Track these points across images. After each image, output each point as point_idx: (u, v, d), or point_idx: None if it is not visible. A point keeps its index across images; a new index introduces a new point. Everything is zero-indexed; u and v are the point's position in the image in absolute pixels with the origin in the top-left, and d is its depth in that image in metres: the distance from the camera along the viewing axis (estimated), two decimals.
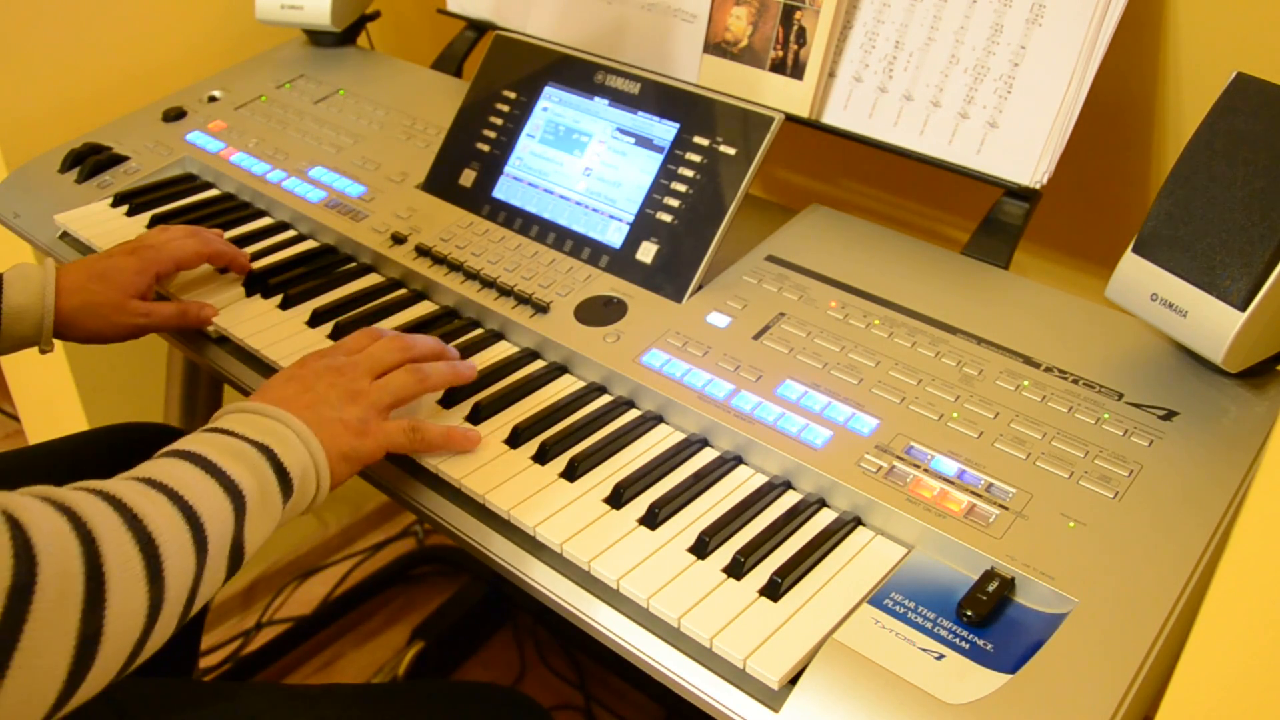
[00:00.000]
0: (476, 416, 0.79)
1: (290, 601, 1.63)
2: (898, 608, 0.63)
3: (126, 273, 0.89)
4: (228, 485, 0.62)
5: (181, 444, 0.64)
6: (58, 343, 0.89)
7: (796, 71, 0.99)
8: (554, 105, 0.99)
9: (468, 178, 1.01)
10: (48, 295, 0.86)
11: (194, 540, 0.58)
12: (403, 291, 0.96)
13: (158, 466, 0.61)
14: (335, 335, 0.89)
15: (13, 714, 0.48)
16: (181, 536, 0.57)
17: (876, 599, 0.63)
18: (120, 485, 0.57)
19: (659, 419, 0.80)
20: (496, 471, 0.74)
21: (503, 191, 0.99)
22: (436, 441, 0.75)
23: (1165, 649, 0.59)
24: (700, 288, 0.87)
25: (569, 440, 0.77)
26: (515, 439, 0.77)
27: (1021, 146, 0.88)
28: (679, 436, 0.78)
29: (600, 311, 0.87)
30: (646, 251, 0.90)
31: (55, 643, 0.50)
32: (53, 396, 1.47)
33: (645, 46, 1.10)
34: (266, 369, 0.88)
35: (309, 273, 0.98)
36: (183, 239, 0.93)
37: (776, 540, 0.68)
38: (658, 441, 0.77)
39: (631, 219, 0.91)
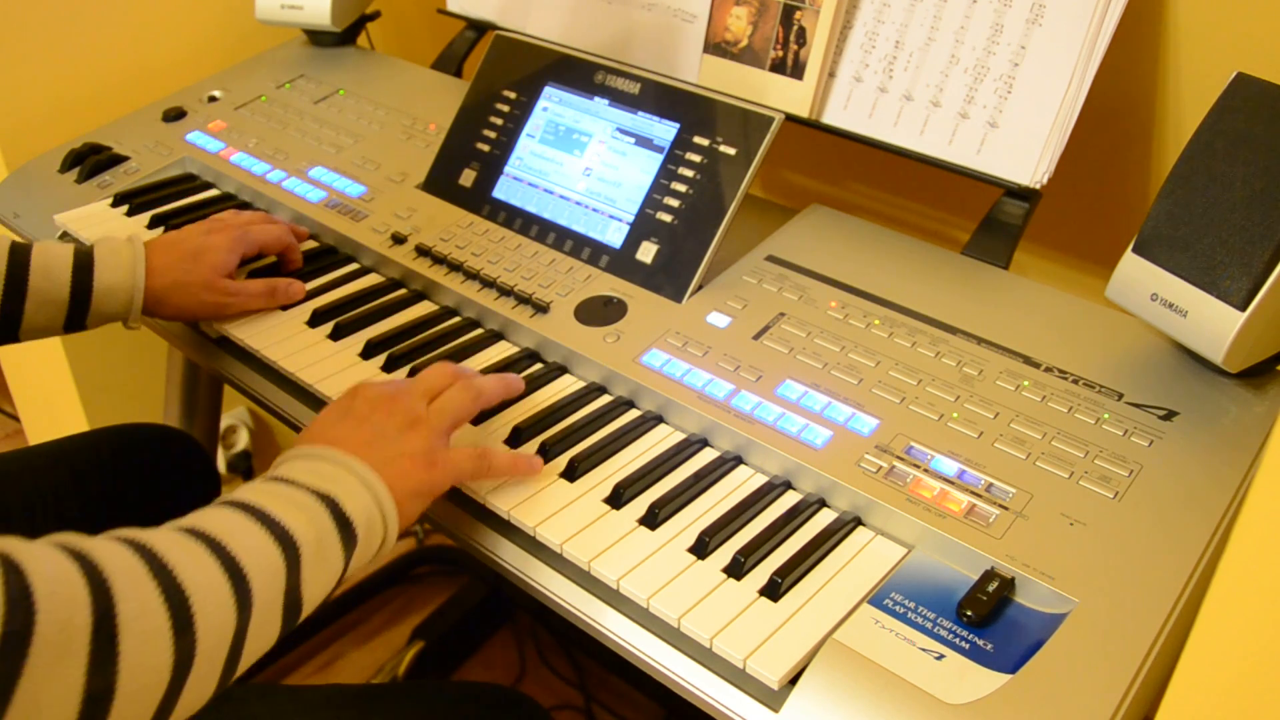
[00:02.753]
0: (478, 417, 0.79)
1: None
2: (898, 608, 0.63)
3: (219, 252, 0.89)
4: (280, 535, 0.58)
5: (237, 493, 0.61)
6: (57, 344, 0.89)
7: (796, 71, 0.99)
8: (554, 105, 0.99)
9: (468, 178, 1.01)
10: (138, 274, 0.86)
11: (235, 592, 0.54)
12: (403, 291, 0.96)
13: (204, 515, 0.58)
14: (335, 335, 0.89)
15: None
16: (218, 589, 0.54)
17: (876, 599, 0.63)
18: (155, 534, 0.54)
19: (659, 419, 0.80)
20: None
21: (503, 191, 0.99)
22: (504, 468, 0.71)
23: (1165, 649, 0.59)
24: (700, 288, 0.87)
25: (569, 440, 0.77)
26: (515, 439, 0.77)
27: (1021, 146, 0.88)
28: (679, 436, 0.78)
29: (600, 311, 0.87)
30: (646, 251, 0.90)
31: (56, 700, 0.46)
32: (53, 396, 1.47)
33: (645, 46, 1.10)
34: (266, 369, 0.88)
35: (309, 273, 0.98)
36: (266, 223, 0.95)
37: (776, 540, 0.68)
38: (658, 441, 0.77)
39: (631, 219, 0.91)
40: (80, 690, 0.46)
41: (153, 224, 1.06)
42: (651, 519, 0.70)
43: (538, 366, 0.86)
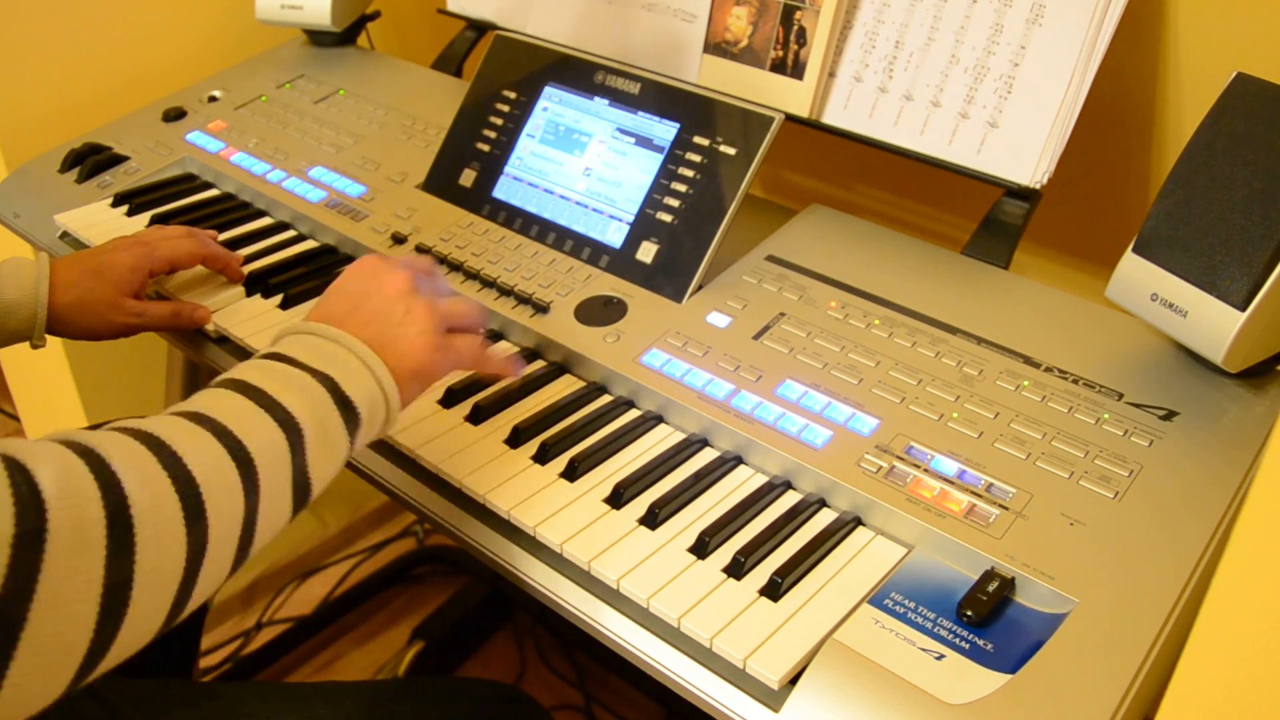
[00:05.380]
0: (476, 417, 0.79)
1: (290, 601, 1.63)
2: (898, 608, 0.63)
3: (121, 269, 0.88)
4: (283, 419, 0.58)
5: (238, 372, 0.60)
6: (57, 343, 0.89)
7: (796, 71, 0.99)
8: (554, 105, 0.99)
9: (468, 178, 1.01)
10: (41, 290, 0.85)
11: (243, 479, 0.55)
12: None
13: (208, 398, 0.58)
14: None
15: (41, 668, 0.45)
16: (227, 475, 0.54)
17: (876, 599, 0.63)
18: (161, 421, 0.54)
19: (659, 419, 0.80)
20: (496, 471, 0.74)
21: (503, 191, 0.99)
22: (498, 365, 0.74)
23: (1165, 649, 0.59)
24: (700, 288, 0.87)
25: (569, 440, 0.77)
26: (515, 439, 0.77)
27: (1021, 146, 0.88)
28: (679, 436, 0.78)
29: (600, 311, 0.87)
30: (646, 251, 0.90)
31: (77, 593, 0.46)
32: (53, 396, 1.47)
33: (645, 46, 1.10)
34: None
35: (309, 273, 0.98)
36: (179, 238, 0.93)
37: (776, 540, 0.68)
38: (658, 441, 0.77)
39: (631, 219, 0.91)
40: (100, 581, 0.47)
41: (152, 224, 1.06)
42: (651, 519, 0.70)
43: (538, 366, 0.86)
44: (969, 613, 0.61)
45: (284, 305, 0.93)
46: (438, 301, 0.70)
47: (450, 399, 0.81)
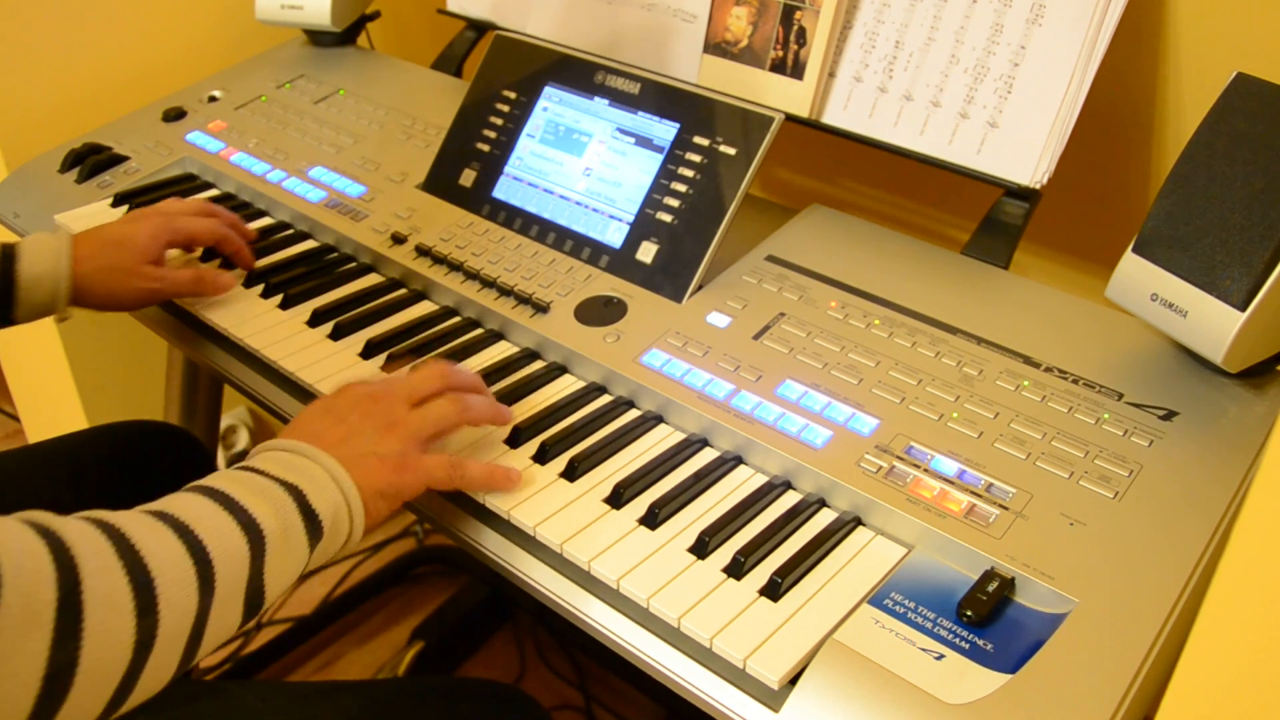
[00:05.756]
0: None
1: (290, 601, 1.63)
2: (898, 608, 0.63)
3: (141, 237, 0.89)
4: (246, 523, 0.59)
5: (206, 480, 0.62)
6: (57, 343, 0.89)
7: (796, 71, 0.99)
8: (554, 105, 0.99)
9: (468, 178, 1.01)
10: (62, 262, 0.86)
11: (199, 577, 0.55)
12: (403, 291, 0.96)
13: (175, 500, 0.59)
14: (335, 335, 0.89)
15: None
16: (183, 573, 0.54)
17: (876, 599, 0.63)
18: (125, 516, 0.55)
19: (659, 419, 0.80)
20: None
21: (503, 191, 0.99)
22: (477, 480, 0.71)
23: (1165, 649, 0.59)
24: (700, 288, 0.87)
25: (569, 440, 0.77)
26: (515, 439, 0.77)
27: (1021, 146, 0.88)
28: (679, 436, 0.78)
29: (600, 311, 0.87)
30: (646, 251, 0.90)
31: (18, 672, 0.46)
32: (53, 396, 1.47)
33: (645, 46, 1.10)
34: (266, 369, 0.88)
35: (309, 272, 0.98)
36: (198, 215, 0.94)
37: (776, 540, 0.68)
38: (658, 441, 0.77)
39: (631, 219, 0.91)
40: (43, 665, 0.47)
41: None
42: (651, 519, 0.70)
43: (538, 366, 0.86)
44: (969, 613, 0.61)
45: (284, 305, 0.93)
46: (422, 416, 0.71)
47: None
